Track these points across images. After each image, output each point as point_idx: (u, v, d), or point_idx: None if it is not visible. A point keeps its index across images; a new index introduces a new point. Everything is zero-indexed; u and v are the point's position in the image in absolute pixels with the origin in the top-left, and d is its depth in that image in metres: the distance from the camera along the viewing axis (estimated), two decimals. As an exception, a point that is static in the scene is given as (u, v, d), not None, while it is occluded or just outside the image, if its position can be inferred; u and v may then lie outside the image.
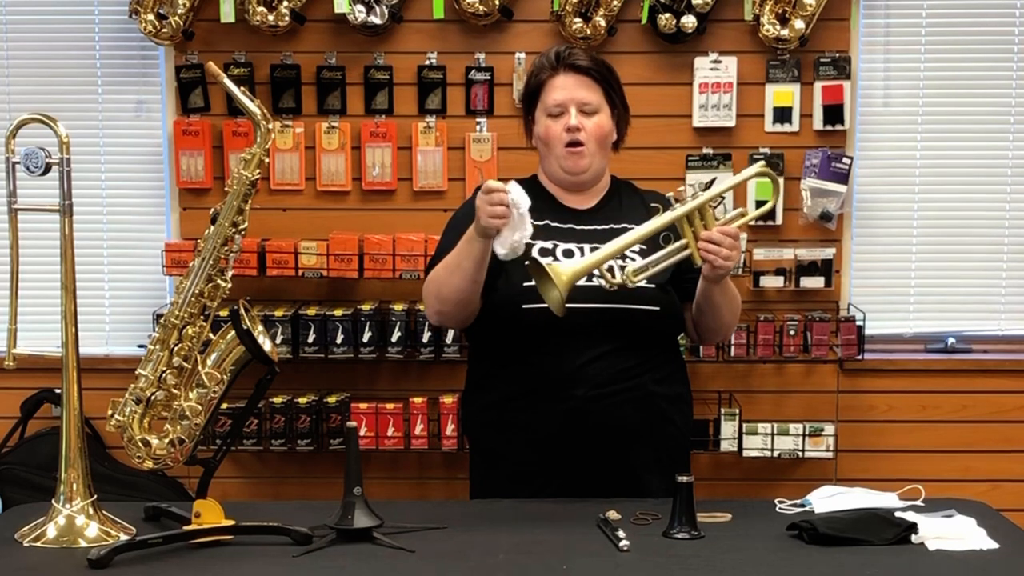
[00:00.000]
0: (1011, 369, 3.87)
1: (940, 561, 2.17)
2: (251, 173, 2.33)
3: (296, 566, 2.14)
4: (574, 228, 2.67)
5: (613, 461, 2.61)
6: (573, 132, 2.62)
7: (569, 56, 2.66)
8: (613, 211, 2.71)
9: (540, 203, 2.66)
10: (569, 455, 2.59)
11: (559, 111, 2.64)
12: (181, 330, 2.30)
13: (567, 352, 2.57)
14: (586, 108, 2.64)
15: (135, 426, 2.30)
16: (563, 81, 2.65)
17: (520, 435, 2.63)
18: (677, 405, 2.72)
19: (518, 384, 2.62)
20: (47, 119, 2.30)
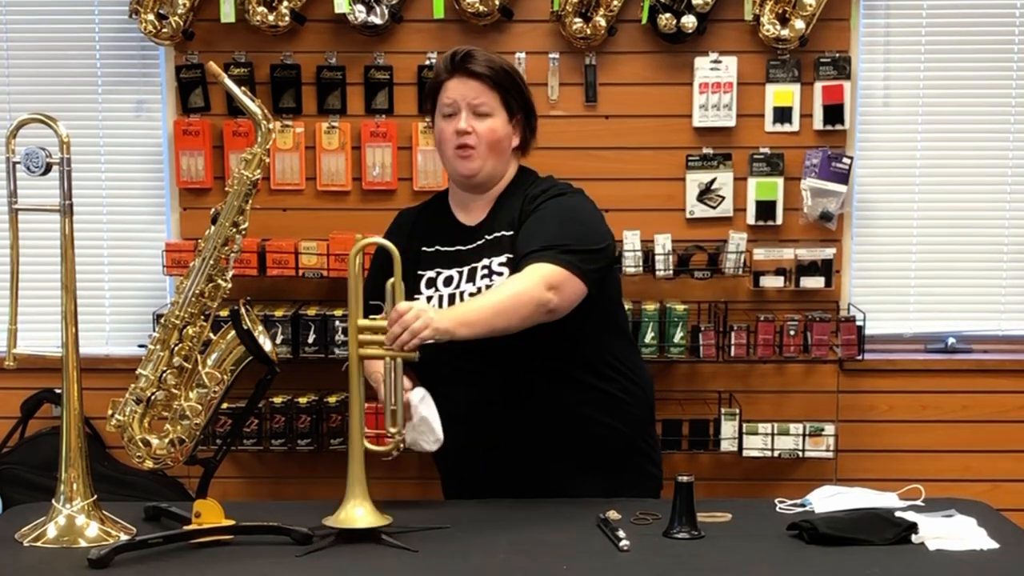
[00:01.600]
0: (1011, 369, 3.87)
1: (940, 561, 2.17)
2: (252, 173, 2.33)
3: (297, 566, 2.14)
4: (460, 250, 2.64)
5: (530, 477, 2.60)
6: (462, 135, 2.60)
7: (464, 59, 2.62)
8: (494, 218, 2.66)
9: (439, 223, 2.69)
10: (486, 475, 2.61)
11: (450, 112, 2.62)
12: (181, 330, 2.30)
13: (455, 383, 2.53)
14: (479, 110, 2.61)
15: (135, 426, 2.30)
16: (456, 84, 2.62)
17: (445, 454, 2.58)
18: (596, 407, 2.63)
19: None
20: (47, 119, 2.30)
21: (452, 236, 2.67)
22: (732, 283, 3.78)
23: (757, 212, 3.78)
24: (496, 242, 2.60)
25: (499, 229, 2.62)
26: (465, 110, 2.60)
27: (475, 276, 2.59)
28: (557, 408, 2.59)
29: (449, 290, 2.59)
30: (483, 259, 2.60)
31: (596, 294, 2.54)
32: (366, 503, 2.26)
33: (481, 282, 2.56)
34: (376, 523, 2.24)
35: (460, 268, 2.61)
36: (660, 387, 3.76)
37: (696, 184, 3.78)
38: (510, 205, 2.65)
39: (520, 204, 2.63)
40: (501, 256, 2.58)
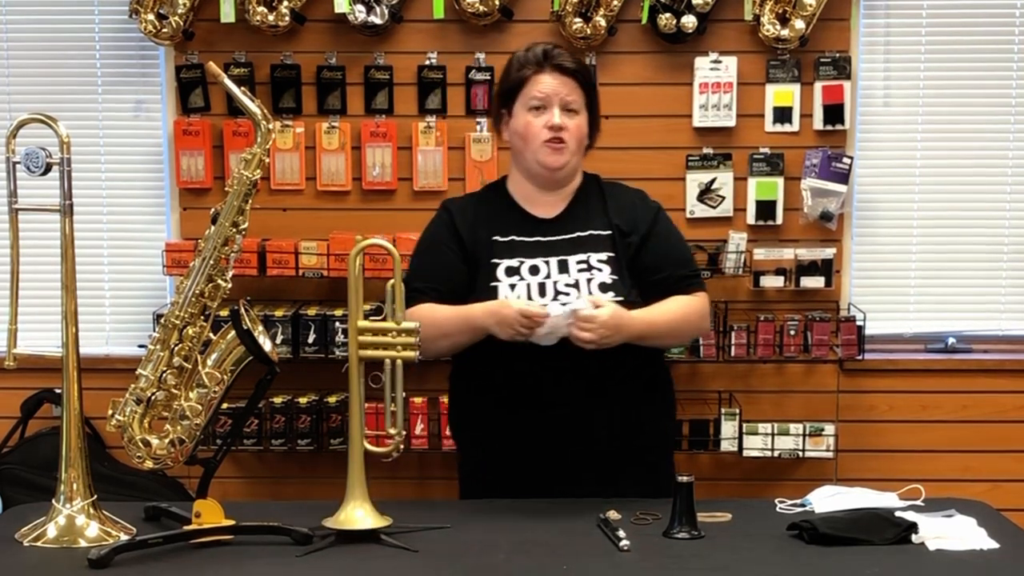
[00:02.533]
0: (1011, 369, 3.87)
1: (940, 561, 2.17)
2: (252, 173, 2.33)
3: (297, 566, 2.14)
4: (540, 241, 2.66)
5: (586, 470, 2.61)
6: (556, 131, 2.62)
7: (557, 56, 2.66)
8: (578, 217, 2.70)
9: (505, 214, 2.70)
10: (544, 464, 2.60)
11: (539, 105, 2.63)
12: (181, 330, 2.30)
13: (534, 372, 2.57)
14: (569, 107, 2.64)
15: (135, 426, 2.30)
16: (548, 79, 2.64)
17: (496, 442, 2.64)
18: (648, 411, 2.69)
19: (493, 393, 2.63)
20: (47, 119, 2.30)
21: (527, 227, 2.68)
22: (732, 283, 3.78)
23: (757, 212, 3.78)
24: (591, 239, 2.65)
25: (591, 228, 2.67)
26: (557, 105, 2.63)
27: (568, 267, 2.61)
28: (624, 407, 2.62)
29: (538, 279, 2.61)
30: (578, 253, 2.63)
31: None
32: (366, 504, 2.26)
33: (579, 275, 2.60)
34: (376, 524, 2.24)
35: (547, 258, 2.63)
36: (660, 387, 3.78)
37: (696, 184, 3.78)
38: (594, 205, 2.71)
39: (607, 206, 2.70)
40: (601, 254, 2.63)
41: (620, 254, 2.63)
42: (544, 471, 2.59)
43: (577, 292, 2.57)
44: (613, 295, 2.57)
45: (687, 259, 2.77)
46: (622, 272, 2.61)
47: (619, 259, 2.62)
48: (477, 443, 2.72)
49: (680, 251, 2.76)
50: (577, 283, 2.59)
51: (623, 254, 2.63)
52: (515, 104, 2.67)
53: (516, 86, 2.67)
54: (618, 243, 2.64)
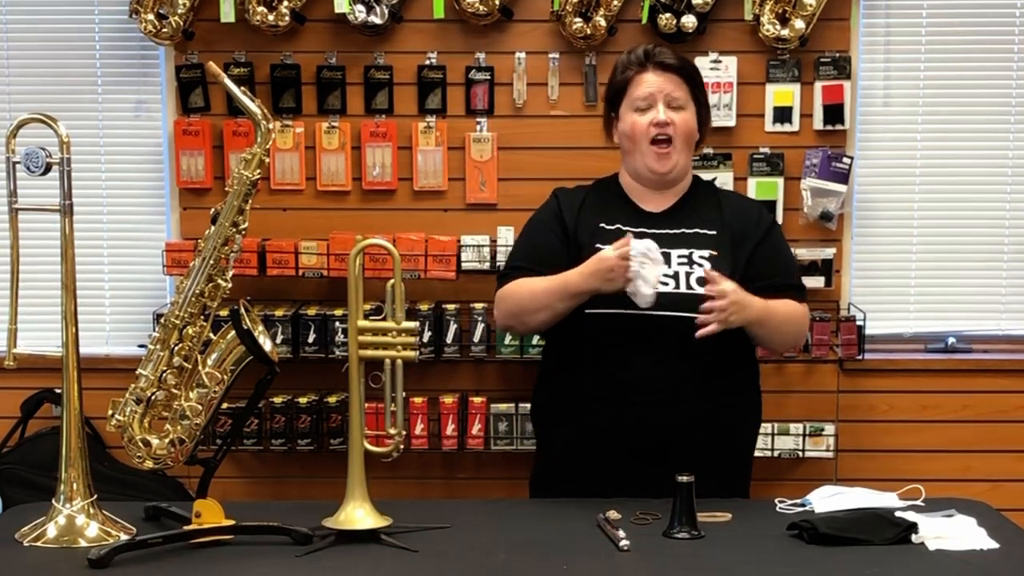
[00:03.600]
0: (1011, 369, 3.87)
1: (940, 561, 2.17)
2: (251, 173, 2.34)
3: (297, 566, 2.14)
4: (644, 232, 2.67)
5: (664, 468, 2.60)
6: (662, 127, 2.65)
7: (658, 54, 2.70)
8: (687, 214, 2.73)
9: (615, 204, 2.74)
10: (623, 459, 2.62)
11: (646, 105, 2.67)
12: (181, 330, 2.30)
13: (627, 358, 2.61)
14: (674, 103, 2.67)
15: (135, 426, 2.30)
16: (651, 78, 2.69)
17: (579, 434, 2.66)
18: (734, 414, 2.72)
19: (579, 385, 2.67)
20: (47, 119, 2.30)
21: (634, 218, 2.72)
22: (732, 283, 3.77)
23: (757, 212, 3.78)
24: (696, 237, 2.69)
25: (697, 226, 2.71)
26: (662, 102, 2.66)
27: (670, 260, 2.64)
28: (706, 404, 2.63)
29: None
30: (680, 247, 2.65)
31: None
32: (366, 504, 2.26)
33: (679, 267, 2.63)
34: (376, 524, 2.24)
35: None
36: (660, 387, 3.78)
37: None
38: (704, 205, 2.75)
39: (721, 208, 2.74)
40: (704, 251, 2.66)
41: (724, 254, 2.65)
42: (627, 464, 2.60)
43: (675, 284, 2.60)
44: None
45: (795, 271, 2.87)
46: (723, 270, 2.62)
47: (721, 259, 2.64)
48: (560, 437, 2.74)
49: (788, 264, 2.83)
50: (676, 275, 2.62)
51: (727, 254, 2.65)
52: (621, 106, 2.72)
53: (621, 88, 2.73)
54: (724, 244, 2.67)
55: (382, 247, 2.35)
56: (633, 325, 2.58)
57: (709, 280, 2.54)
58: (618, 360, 2.61)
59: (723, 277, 2.55)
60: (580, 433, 2.67)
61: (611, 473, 2.60)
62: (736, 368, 2.71)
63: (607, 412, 2.62)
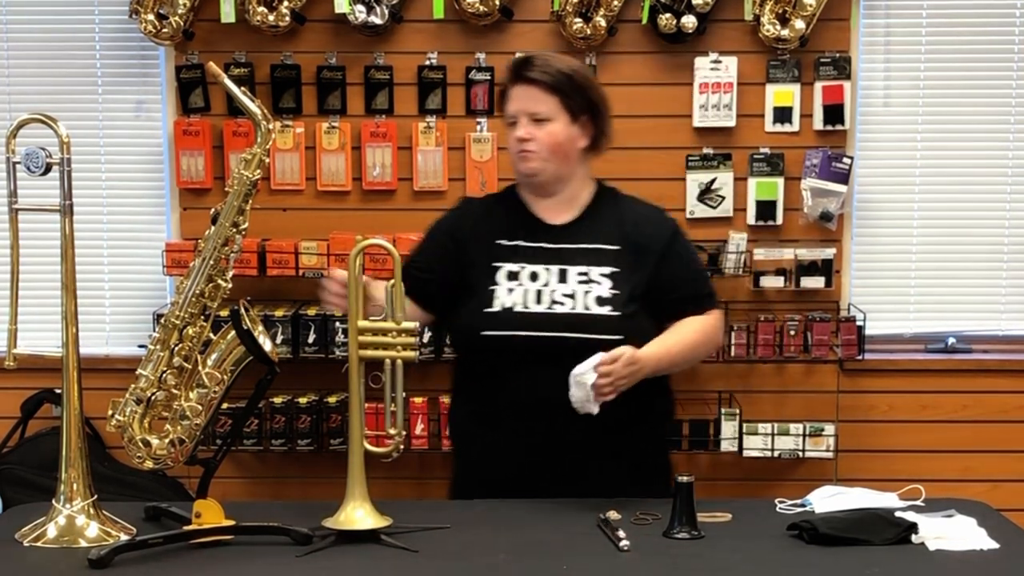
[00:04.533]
0: (1011, 369, 3.87)
1: (940, 561, 2.17)
2: (252, 173, 2.34)
3: (297, 566, 2.14)
4: (545, 247, 2.66)
5: (577, 485, 2.60)
6: (523, 142, 2.65)
7: (522, 66, 2.67)
8: (588, 228, 2.70)
9: (515, 217, 2.71)
10: (534, 477, 2.60)
11: (513, 120, 2.67)
12: (182, 330, 2.30)
13: (525, 378, 2.57)
14: (537, 118, 2.65)
15: (135, 426, 2.30)
16: (517, 92, 2.67)
17: (489, 450, 2.66)
18: (643, 422, 2.68)
19: (484, 403, 2.66)
20: (47, 119, 2.30)
21: (534, 232, 2.69)
22: (732, 283, 3.77)
23: (757, 212, 3.78)
24: (597, 252, 2.65)
25: (598, 241, 2.67)
26: (524, 117, 2.64)
27: (567, 277, 2.62)
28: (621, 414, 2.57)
29: (536, 285, 2.62)
30: (579, 264, 2.63)
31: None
32: (366, 504, 2.26)
33: (577, 286, 2.60)
34: (376, 524, 2.24)
35: (548, 266, 2.64)
36: (660, 387, 3.78)
37: (696, 184, 3.78)
38: (607, 219, 2.71)
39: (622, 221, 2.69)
40: (603, 268, 2.62)
41: (625, 270, 2.62)
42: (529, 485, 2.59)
43: (572, 303, 2.58)
44: (609, 309, 2.57)
45: (703, 279, 2.79)
46: (623, 288, 2.60)
47: (623, 275, 2.61)
48: (467, 450, 2.75)
49: (695, 271, 2.78)
50: (574, 294, 2.60)
51: (629, 271, 2.62)
52: (505, 118, 2.73)
53: (503, 101, 2.72)
54: (625, 259, 2.64)
55: (382, 247, 2.35)
56: (529, 346, 2.56)
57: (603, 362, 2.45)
58: (519, 380, 2.58)
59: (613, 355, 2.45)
60: (490, 448, 2.65)
61: (526, 487, 2.58)
62: (642, 393, 2.59)
63: (516, 429, 2.60)
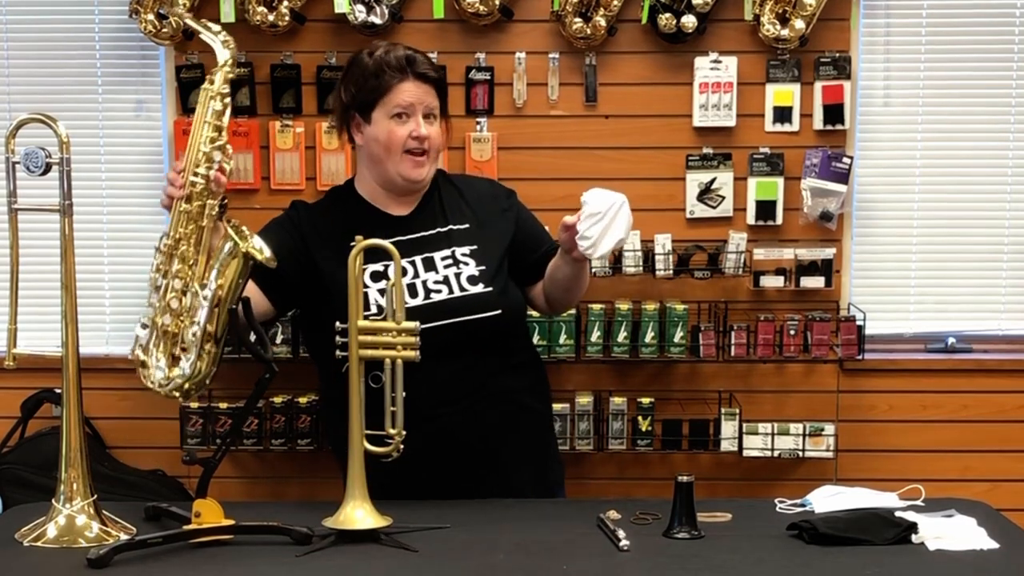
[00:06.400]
0: (1011, 369, 3.87)
1: (940, 561, 2.17)
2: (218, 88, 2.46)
3: (297, 566, 2.14)
4: (401, 240, 2.64)
5: (482, 469, 2.63)
6: (420, 140, 2.65)
7: (419, 64, 2.68)
8: (434, 212, 2.73)
9: (360, 219, 2.69)
10: (436, 471, 2.61)
11: (402, 113, 2.65)
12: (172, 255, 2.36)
13: (417, 375, 2.48)
14: (430, 115, 2.68)
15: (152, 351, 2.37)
16: (412, 88, 2.67)
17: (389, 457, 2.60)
18: (534, 394, 2.77)
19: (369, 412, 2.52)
20: (47, 119, 2.30)
21: (385, 228, 2.65)
22: (732, 283, 3.78)
23: (757, 212, 3.78)
24: (453, 234, 2.70)
25: (451, 223, 2.71)
26: (421, 114, 2.65)
27: (435, 264, 2.65)
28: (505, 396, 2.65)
29: (406, 280, 2.61)
30: (442, 249, 2.66)
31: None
32: (366, 504, 2.26)
33: (446, 270, 2.64)
34: (376, 524, 2.24)
35: (412, 257, 2.65)
36: (660, 387, 3.79)
37: (696, 184, 3.78)
38: (448, 199, 2.76)
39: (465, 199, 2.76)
40: (464, 247, 2.67)
41: (483, 245, 2.66)
42: (445, 475, 2.61)
43: (448, 289, 2.61)
44: (482, 286, 2.61)
45: (547, 233, 2.92)
46: (488, 263, 2.66)
47: (482, 251, 2.64)
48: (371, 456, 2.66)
49: (541, 227, 2.91)
50: (447, 278, 2.63)
51: (487, 244, 2.65)
52: (375, 111, 2.68)
53: (377, 93, 2.68)
54: (479, 235, 2.69)
55: (382, 247, 2.35)
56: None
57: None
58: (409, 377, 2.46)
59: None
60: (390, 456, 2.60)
61: (432, 485, 2.60)
62: (519, 354, 2.74)
63: (414, 430, 2.49)
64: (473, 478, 2.62)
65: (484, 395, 2.63)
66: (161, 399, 3.76)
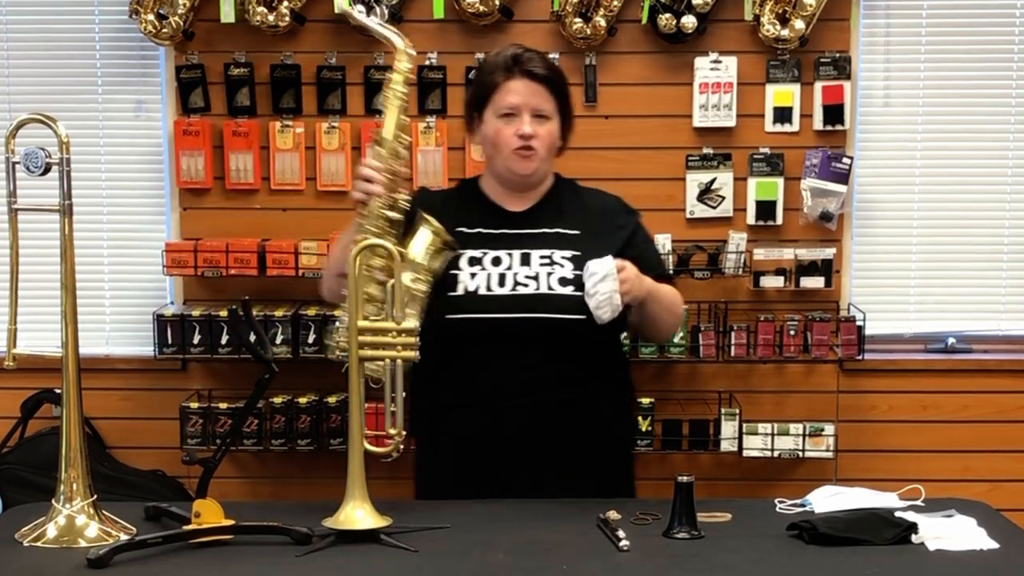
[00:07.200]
0: (1011, 369, 3.87)
1: (940, 561, 2.17)
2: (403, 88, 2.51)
3: (297, 566, 2.14)
4: (506, 233, 2.67)
5: (541, 470, 2.61)
6: (526, 139, 2.64)
7: (527, 61, 2.66)
8: (550, 214, 2.73)
9: (475, 207, 2.72)
10: (498, 465, 2.61)
11: (510, 113, 2.65)
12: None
13: (490, 362, 2.57)
14: (539, 114, 2.66)
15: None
16: (518, 86, 2.65)
17: (451, 443, 2.65)
18: (604, 414, 2.70)
19: (445, 393, 2.64)
20: (47, 119, 2.30)
21: (496, 220, 2.71)
22: (732, 283, 3.78)
23: (757, 212, 3.78)
24: (558, 237, 2.68)
25: (559, 226, 2.70)
26: (527, 113, 2.64)
27: (531, 260, 2.64)
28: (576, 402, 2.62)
29: (499, 269, 2.63)
30: (542, 248, 2.65)
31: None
32: (366, 504, 2.26)
33: (540, 268, 2.62)
34: (376, 524, 2.24)
35: (510, 250, 2.65)
36: (660, 387, 3.79)
37: (696, 184, 3.78)
38: (567, 205, 2.74)
39: (583, 209, 2.74)
40: (565, 251, 2.65)
41: (586, 254, 2.63)
42: (501, 470, 2.60)
43: (536, 285, 2.60)
44: (571, 289, 2.59)
45: (663, 264, 2.91)
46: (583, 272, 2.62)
47: (583, 259, 2.62)
48: (433, 442, 2.72)
49: (657, 256, 2.86)
50: (537, 276, 2.61)
51: (590, 255, 2.63)
52: (486, 110, 2.69)
53: (487, 92, 2.69)
54: (586, 244, 2.66)
55: (382, 247, 2.35)
56: (494, 329, 2.56)
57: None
58: (481, 365, 2.59)
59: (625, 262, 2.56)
60: (453, 440, 2.64)
61: (488, 479, 2.59)
62: (604, 366, 2.70)
63: (475, 418, 2.60)
64: (530, 478, 2.59)
65: (552, 397, 2.59)
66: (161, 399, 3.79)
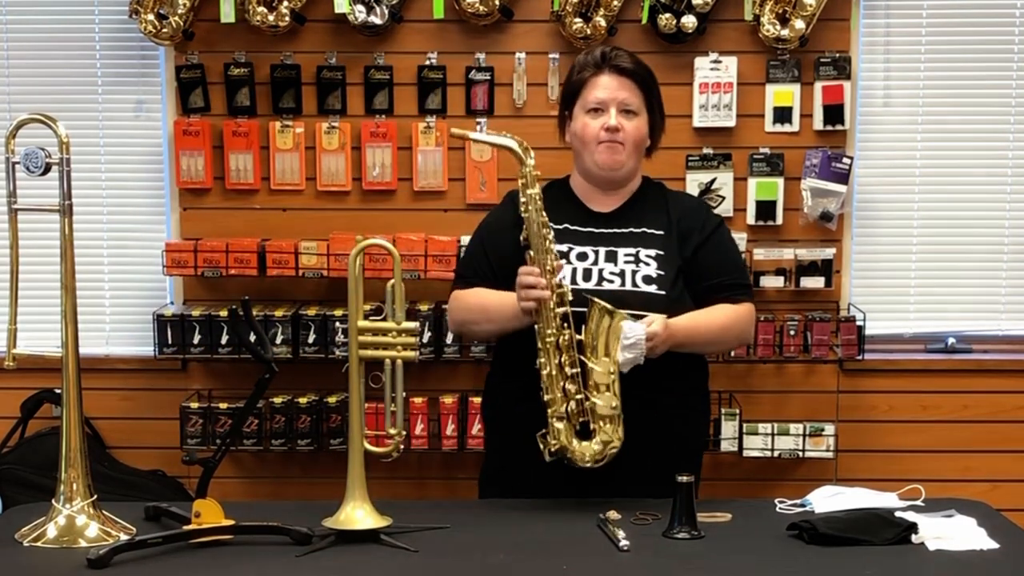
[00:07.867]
0: (1011, 369, 3.87)
1: (940, 561, 2.17)
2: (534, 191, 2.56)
3: (297, 566, 2.14)
4: (592, 232, 2.70)
5: (612, 467, 2.60)
6: (612, 132, 2.65)
7: (615, 57, 2.69)
8: (635, 214, 2.74)
9: (564, 206, 2.73)
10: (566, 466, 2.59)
11: (597, 107, 2.66)
12: (557, 343, 2.47)
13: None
14: (627, 109, 2.67)
15: (570, 441, 2.47)
16: (606, 81, 2.68)
17: (528, 433, 2.63)
18: (682, 415, 2.71)
19: (527, 387, 2.62)
20: (47, 119, 2.30)
21: (583, 218, 2.73)
22: (732, 283, 3.77)
23: (757, 212, 3.78)
24: (644, 236, 2.69)
25: (646, 225, 2.71)
26: (615, 108, 2.66)
27: (616, 258, 2.65)
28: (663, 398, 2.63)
29: (584, 264, 2.65)
30: (627, 247, 2.67)
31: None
32: (366, 504, 2.26)
33: (625, 265, 2.64)
34: (376, 524, 2.24)
35: (595, 247, 2.67)
36: (660, 387, 3.77)
37: (696, 184, 3.78)
38: (652, 206, 2.76)
39: (668, 209, 2.74)
40: (651, 250, 2.66)
41: (670, 253, 2.65)
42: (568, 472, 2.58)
43: (620, 281, 2.61)
44: (655, 288, 2.61)
45: (739, 270, 2.81)
46: (668, 269, 2.64)
47: (669, 257, 2.64)
48: (510, 430, 2.70)
49: (734, 262, 2.80)
50: (623, 272, 2.62)
51: (674, 254, 2.65)
52: (575, 106, 2.72)
53: (576, 89, 2.72)
54: (670, 244, 2.67)
55: (382, 247, 2.35)
56: (577, 322, 2.55)
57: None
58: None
59: (652, 317, 2.54)
60: (532, 423, 2.61)
61: (561, 475, 2.58)
62: (684, 367, 2.69)
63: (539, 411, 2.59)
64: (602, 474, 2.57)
65: (631, 392, 2.55)
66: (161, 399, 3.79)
